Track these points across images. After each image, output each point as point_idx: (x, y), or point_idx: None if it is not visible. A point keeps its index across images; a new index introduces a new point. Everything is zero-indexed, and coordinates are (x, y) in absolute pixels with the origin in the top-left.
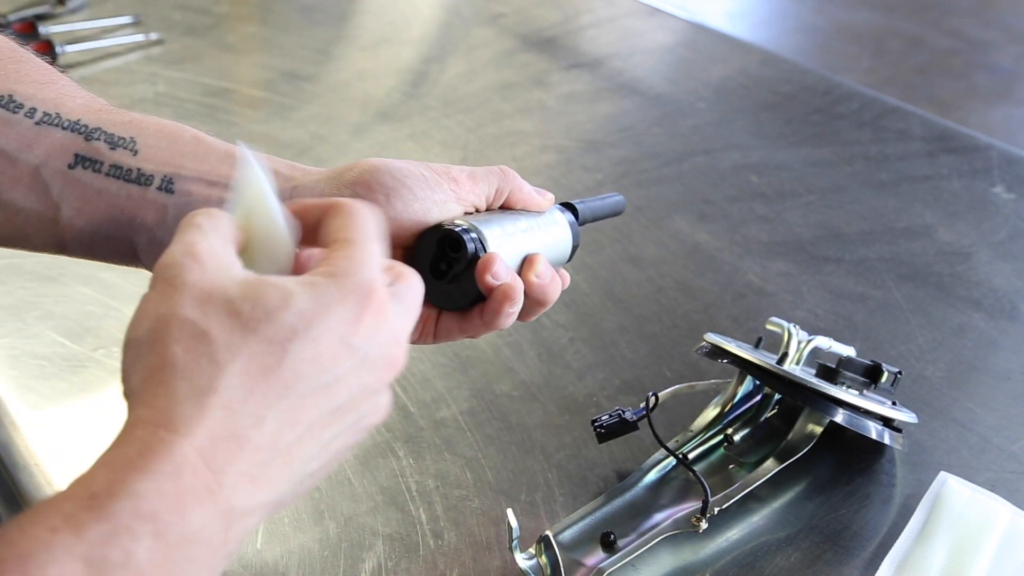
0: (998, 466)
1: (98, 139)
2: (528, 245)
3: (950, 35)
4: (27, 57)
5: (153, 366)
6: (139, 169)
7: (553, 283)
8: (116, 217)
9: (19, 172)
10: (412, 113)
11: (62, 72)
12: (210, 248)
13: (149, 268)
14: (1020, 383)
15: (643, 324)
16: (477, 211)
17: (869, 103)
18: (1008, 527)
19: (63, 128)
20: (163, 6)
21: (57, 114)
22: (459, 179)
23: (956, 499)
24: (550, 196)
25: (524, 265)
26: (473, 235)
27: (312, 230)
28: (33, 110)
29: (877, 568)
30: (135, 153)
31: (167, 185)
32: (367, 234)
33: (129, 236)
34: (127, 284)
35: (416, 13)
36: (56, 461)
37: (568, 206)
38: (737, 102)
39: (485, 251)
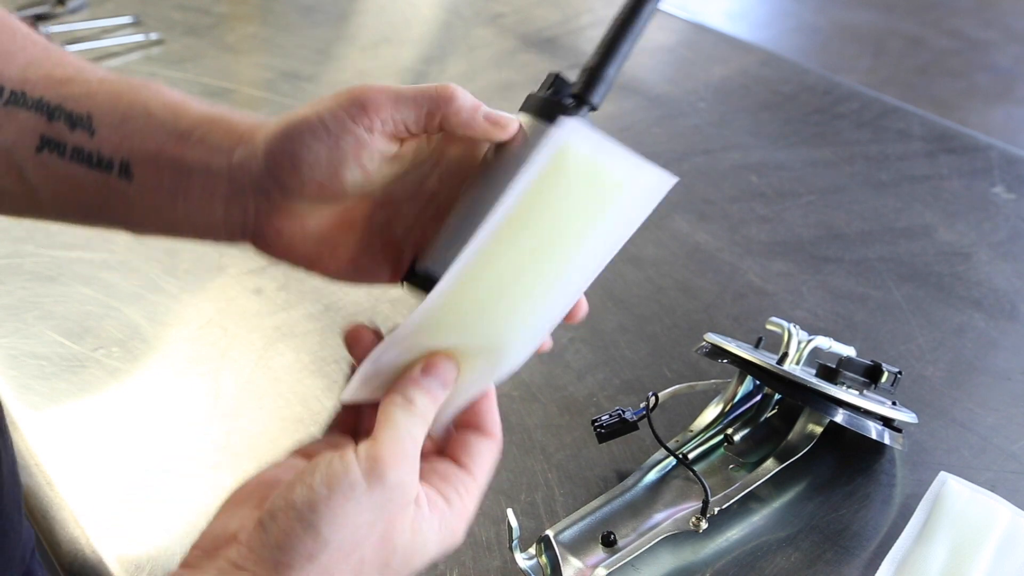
0: (998, 466)
1: (59, 119)
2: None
3: (950, 35)
4: None
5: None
6: (98, 153)
7: None
8: (90, 202)
9: None
10: None
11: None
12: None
13: (137, 235)
14: (1020, 383)
15: (643, 324)
16: (402, 142)
17: (869, 103)
18: (1008, 527)
19: (28, 108)
20: (163, 6)
21: (23, 92)
22: (372, 110)
23: (956, 499)
24: (512, 122)
25: None
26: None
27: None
28: (0, 89)
29: (877, 568)
30: (92, 134)
31: (125, 170)
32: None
33: (107, 217)
34: (127, 284)
35: (416, 13)
36: (56, 461)
37: (558, 105)
38: (737, 102)
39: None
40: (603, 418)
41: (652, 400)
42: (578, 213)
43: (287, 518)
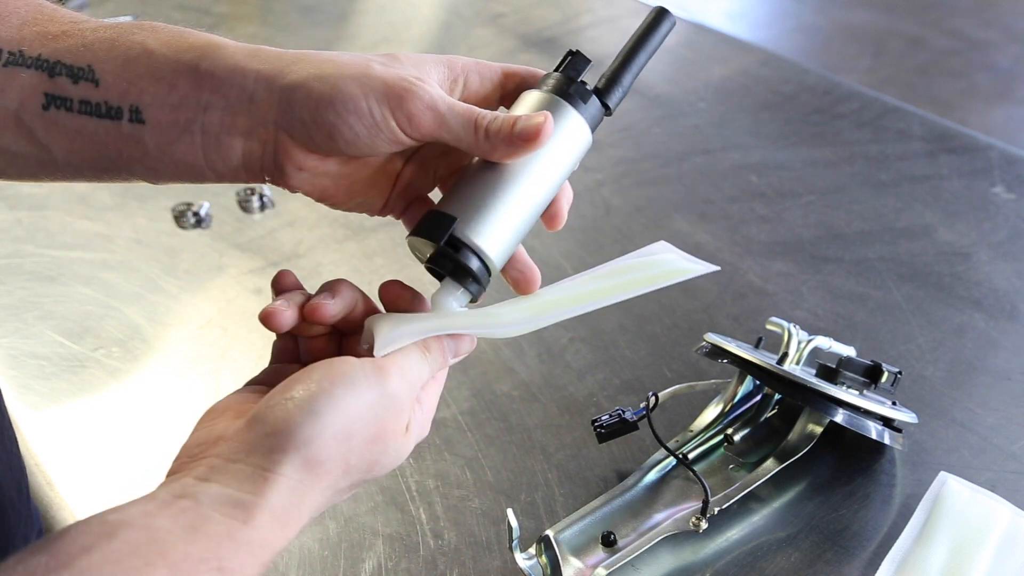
0: (998, 466)
1: (60, 73)
2: (527, 214)
3: (950, 35)
4: None
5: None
6: (106, 102)
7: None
8: (105, 153)
9: (1, 119)
10: None
11: None
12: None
13: (154, 184)
14: (1020, 383)
15: (643, 324)
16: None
17: (869, 103)
18: (1008, 527)
19: (27, 67)
20: (163, 6)
21: (20, 52)
22: (415, 121)
23: (956, 499)
24: (537, 126)
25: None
26: (477, 265)
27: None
28: None
29: (877, 568)
30: (97, 84)
31: (136, 115)
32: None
33: (124, 167)
34: (127, 284)
35: (416, 13)
36: (56, 461)
37: (580, 90)
38: (737, 102)
39: (489, 273)
40: (603, 418)
41: (652, 400)
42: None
43: (285, 408)
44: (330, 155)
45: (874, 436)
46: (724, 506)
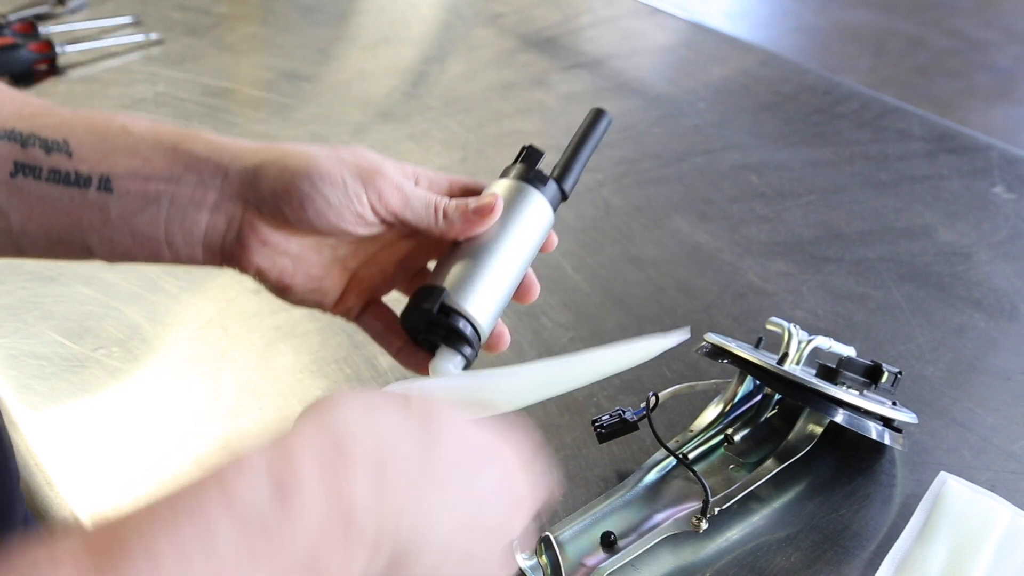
0: (998, 466)
1: (33, 145)
2: (506, 281)
3: (950, 35)
4: None
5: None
6: (76, 171)
7: (533, 286)
8: (64, 221)
9: None
10: (412, 113)
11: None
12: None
13: (107, 261)
14: (1020, 383)
15: (643, 324)
16: (387, 226)
17: (869, 103)
18: (1008, 527)
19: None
20: (163, 6)
21: None
22: (384, 199)
23: (956, 499)
24: (494, 207)
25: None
26: (469, 330)
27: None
28: None
29: (877, 568)
30: (70, 155)
31: (105, 184)
32: None
33: (80, 237)
34: (127, 284)
35: (416, 13)
36: (56, 461)
37: (539, 176)
38: (737, 102)
39: (480, 337)
40: (603, 418)
41: (652, 400)
42: None
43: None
44: (297, 228)
45: (874, 436)
46: (724, 506)
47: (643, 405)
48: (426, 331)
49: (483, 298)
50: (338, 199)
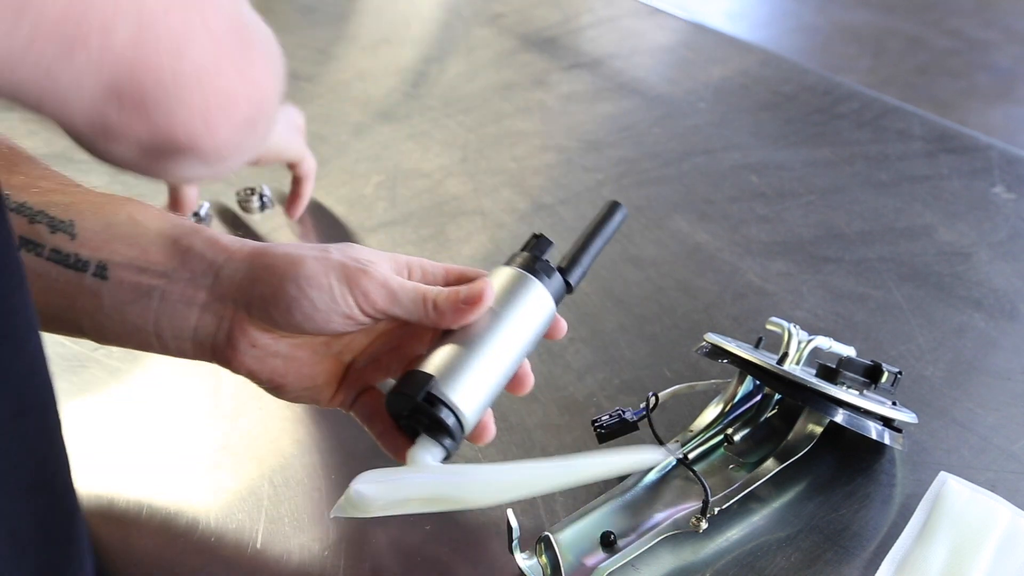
0: (998, 466)
1: (40, 222)
2: (497, 373)
3: (950, 35)
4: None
5: None
6: (76, 255)
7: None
8: (59, 301)
9: None
10: (412, 113)
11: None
12: None
13: (98, 343)
14: (1020, 383)
15: (643, 324)
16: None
17: (869, 103)
18: (1008, 527)
19: (9, 209)
20: None
21: (6, 195)
22: (371, 298)
23: (956, 499)
24: (479, 290)
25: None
26: (452, 421)
27: None
28: None
29: (877, 568)
30: (73, 237)
31: (100, 271)
32: None
33: (73, 318)
34: None
35: (416, 13)
36: None
37: (544, 266)
38: (737, 102)
39: (463, 429)
40: (603, 418)
41: (652, 400)
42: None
43: None
44: (286, 330)
45: (874, 436)
46: (724, 506)
47: (643, 405)
48: (408, 417)
49: (471, 389)
50: (324, 303)
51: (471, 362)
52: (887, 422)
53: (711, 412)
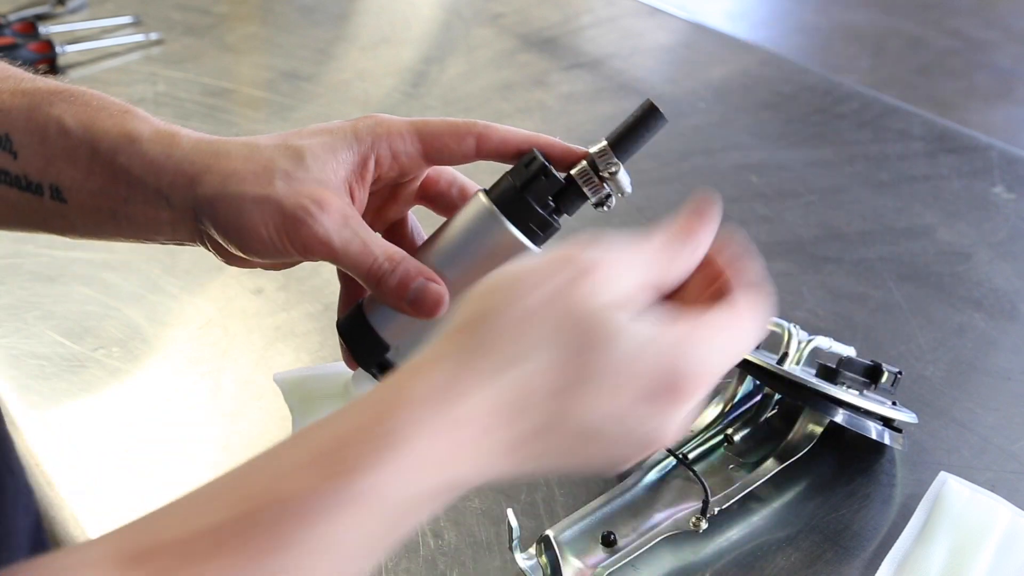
0: (998, 466)
1: None
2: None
3: (950, 35)
4: None
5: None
6: (26, 177)
7: None
8: (29, 224)
9: None
10: (412, 113)
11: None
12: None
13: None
14: (1020, 383)
15: None
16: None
17: (869, 103)
18: (1008, 527)
19: None
20: (163, 6)
21: None
22: (314, 251)
23: (956, 499)
24: (440, 299)
25: None
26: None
27: None
28: None
29: (877, 568)
30: (15, 156)
31: (56, 194)
32: None
33: (54, 232)
34: (127, 284)
35: (416, 13)
36: (56, 461)
37: (525, 203)
38: (737, 102)
39: None
40: None
41: None
42: None
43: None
44: (249, 250)
45: (874, 436)
46: (724, 506)
47: None
48: (359, 357)
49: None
50: (268, 251)
51: (427, 335)
52: (887, 422)
53: (711, 412)
